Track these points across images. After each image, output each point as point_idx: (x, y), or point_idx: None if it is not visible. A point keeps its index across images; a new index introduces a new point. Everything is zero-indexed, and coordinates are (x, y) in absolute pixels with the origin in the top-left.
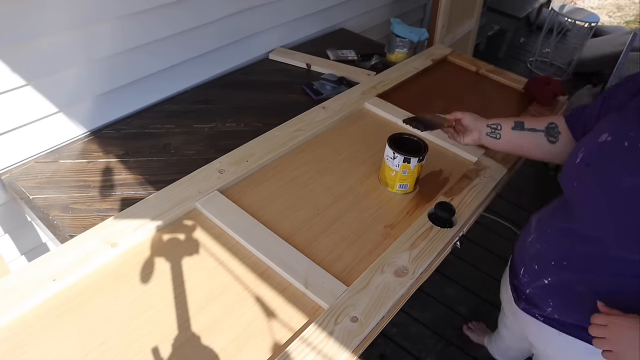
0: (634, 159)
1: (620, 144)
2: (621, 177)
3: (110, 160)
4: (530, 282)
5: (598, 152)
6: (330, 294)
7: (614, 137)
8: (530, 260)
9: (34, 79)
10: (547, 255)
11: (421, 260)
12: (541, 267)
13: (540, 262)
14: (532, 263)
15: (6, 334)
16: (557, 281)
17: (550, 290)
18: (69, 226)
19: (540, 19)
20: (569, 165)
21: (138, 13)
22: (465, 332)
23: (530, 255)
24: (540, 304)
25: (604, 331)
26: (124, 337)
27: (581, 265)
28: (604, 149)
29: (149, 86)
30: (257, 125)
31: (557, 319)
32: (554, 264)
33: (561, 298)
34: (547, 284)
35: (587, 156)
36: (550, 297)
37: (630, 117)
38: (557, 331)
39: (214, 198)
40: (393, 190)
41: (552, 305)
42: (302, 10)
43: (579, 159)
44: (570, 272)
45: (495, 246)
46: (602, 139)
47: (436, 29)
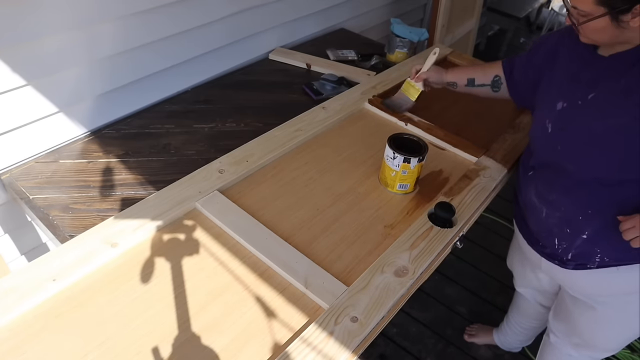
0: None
1: (575, 104)
2: (592, 125)
3: (110, 160)
4: (570, 245)
5: (563, 117)
6: (330, 294)
7: (568, 102)
8: (559, 229)
9: (34, 79)
10: (571, 216)
11: (421, 260)
12: (573, 227)
13: (569, 224)
14: (563, 229)
15: (6, 334)
16: (593, 230)
17: (592, 240)
18: (69, 226)
19: (540, 19)
20: (543, 137)
21: (138, 13)
22: (469, 339)
23: (556, 224)
24: (588, 257)
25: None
26: (124, 337)
27: (603, 204)
28: (565, 113)
29: (149, 86)
30: (257, 125)
31: (608, 260)
32: (582, 219)
33: (604, 241)
34: (587, 237)
35: (556, 124)
36: (596, 246)
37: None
38: (615, 267)
39: (214, 198)
40: (393, 190)
41: (600, 251)
42: (302, 10)
43: (550, 129)
44: (598, 215)
45: (495, 246)
46: (559, 107)
47: (436, 29)
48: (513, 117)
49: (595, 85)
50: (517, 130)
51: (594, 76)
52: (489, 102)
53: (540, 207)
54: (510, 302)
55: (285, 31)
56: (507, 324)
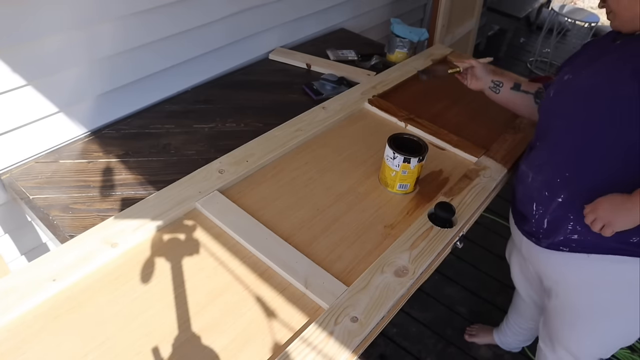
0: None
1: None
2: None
3: (111, 160)
4: (546, 210)
5: (566, 84)
6: (330, 294)
7: (573, 74)
8: (538, 192)
9: (34, 79)
10: (552, 178)
11: (421, 260)
12: (550, 190)
13: (547, 187)
14: (542, 192)
15: (6, 334)
16: (569, 193)
17: (566, 204)
18: (69, 226)
19: (540, 19)
20: (546, 101)
21: (139, 13)
22: (470, 339)
23: (537, 188)
24: (561, 225)
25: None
26: (124, 337)
27: (580, 165)
28: (569, 81)
29: (149, 86)
30: (257, 125)
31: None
32: (560, 181)
33: (577, 206)
34: (562, 200)
35: (558, 89)
36: (569, 212)
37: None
38: (586, 254)
39: (214, 198)
40: (393, 190)
41: (573, 218)
42: (302, 10)
43: (551, 94)
44: (575, 177)
45: (495, 246)
46: (565, 78)
47: (436, 29)
48: (513, 117)
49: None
50: (517, 130)
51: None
52: (489, 102)
53: (528, 172)
54: (510, 302)
55: (285, 31)
56: (507, 324)
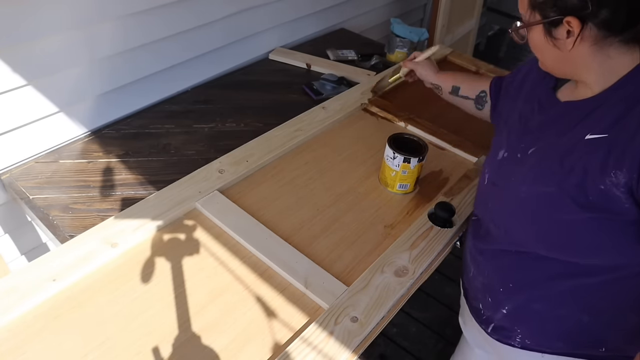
0: (527, 168)
1: (514, 156)
2: (519, 188)
3: (111, 160)
4: (492, 315)
5: (499, 170)
6: (330, 294)
7: (509, 153)
8: (482, 294)
9: (34, 79)
10: (493, 285)
11: (421, 260)
12: (494, 298)
13: (491, 293)
14: (486, 297)
15: (6, 334)
16: (513, 307)
17: (512, 317)
18: (69, 226)
19: None
20: (480, 188)
21: (139, 13)
22: None
23: (480, 289)
24: (509, 333)
25: None
26: (124, 337)
27: (523, 281)
28: (503, 165)
29: (149, 86)
30: (257, 125)
31: (529, 343)
32: (502, 291)
33: (525, 323)
34: (507, 312)
35: (492, 176)
36: (516, 324)
37: (515, 128)
38: (540, 354)
39: (214, 198)
40: (393, 190)
41: (520, 332)
42: (302, 10)
43: (486, 180)
44: (519, 292)
45: None
46: (500, 156)
47: (436, 29)
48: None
49: (539, 138)
50: None
51: (541, 125)
52: None
53: (469, 266)
54: None
55: (285, 31)
56: None
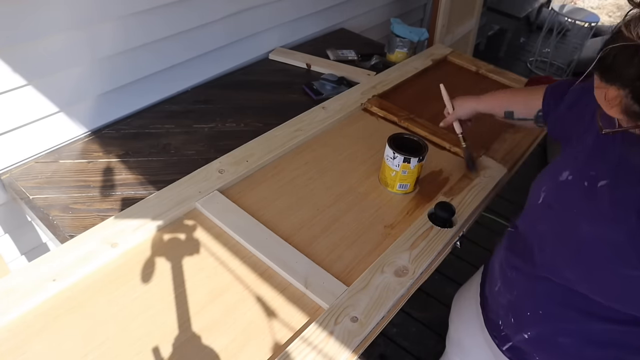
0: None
1: (580, 184)
2: (581, 224)
3: (111, 160)
4: (511, 334)
5: (558, 193)
6: (330, 294)
7: (574, 177)
8: (505, 312)
9: (34, 79)
10: (520, 306)
11: (421, 260)
12: (517, 320)
13: (515, 314)
14: (508, 316)
15: (6, 334)
16: (538, 335)
17: (534, 344)
18: (69, 226)
19: (540, 19)
20: (532, 206)
21: (139, 13)
22: None
23: (504, 306)
24: (526, 358)
25: None
26: (124, 337)
27: (555, 313)
28: (564, 189)
29: (149, 86)
30: (257, 125)
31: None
32: (530, 315)
33: (546, 352)
34: (528, 338)
35: (548, 197)
36: (536, 352)
37: (590, 153)
38: None
39: (214, 198)
40: (393, 190)
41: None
42: (302, 10)
43: (541, 199)
44: (548, 322)
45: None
46: (562, 178)
47: (436, 29)
48: None
49: (615, 173)
50: (517, 130)
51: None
52: None
53: (496, 279)
54: None
55: (285, 31)
56: None
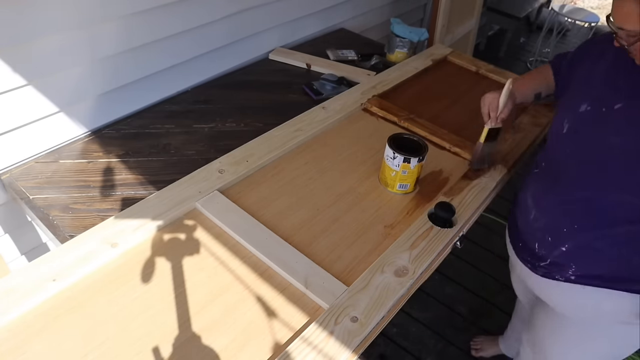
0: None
1: (598, 110)
2: (607, 137)
3: (111, 160)
4: (548, 253)
5: (582, 121)
6: (330, 294)
7: (592, 107)
8: (542, 233)
9: (35, 79)
10: (557, 226)
11: (421, 260)
12: (555, 237)
13: (552, 233)
14: (545, 236)
15: (6, 334)
16: (574, 245)
17: (570, 254)
18: (69, 226)
19: (540, 19)
20: (557, 136)
21: (140, 13)
22: (477, 354)
23: (540, 229)
24: (562, 269)
25: None
26: (124, 337)
27: (590, 224)
28: (586, 117)
29: (149, 86)
30: (257, 125)
31: (580, 276)
32: (567, 231)
33: (582, 258)
34: (566, 250)
35: (573, 126)
36: (572, 261)
37: (599, 86)
38: (581, 285)
39: (214, 198)
40: (393, 190)
41: (574, 267)
42: (302, 10)
43: (565, 129)
44: (583, 232)
45: (495, 246)
46: (582, 109)
47: (436, 29)
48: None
49: (628, 96)
50: (517, 130)
51: (630, 86)
52: None
53: (530, 209)
54: (509, 302)
55: (285, 31)
56: (512, 331)
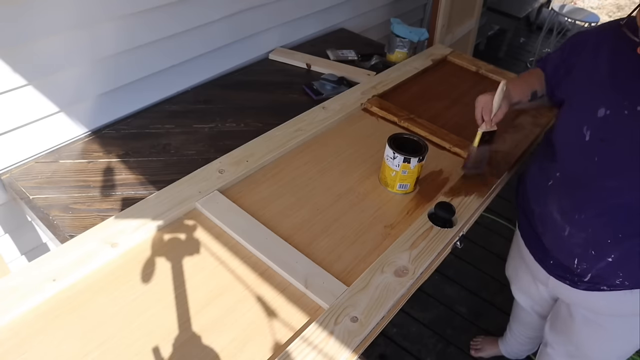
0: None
1: (620, 113)
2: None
3: (111, 160)
4: (591, 267)
5: (605, 127)
6: (330, 294)
7: (612, 111)
8: (582, 249)
9: (35, 79)
10: (599, 239)
11: (421, 260)
12: (598, 250)
13: (595, 247)
14: (588, 250)
15: (6, 334)
16: (621, 254)
17: (617, 264)
18: (69, 226)
19: (540, 19)
20: (578, 146)
21: (140, 12)
22: (476, 354)
23: (580, 245)
24: (607, 278)
25: None
26: (124, 337)
27: (633, 230)
28: (609, 122)
29: (149, 86)
30: (257, 125)
31: (627, 284)
32: (611, 242)
33: (629, 265)
34: (612, 260)
35: (597, 132)
36: (619, 269)
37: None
38: (629, 290)
39: (214, 198)
40: (393, 190)
41: (622, 275)
42: (302, 10)
43: (588, 137)
44: (629, 239)
45: (495, 246)
46: (601, 114)
47: (436, 29)
48: (513, 117)
49: None
50: (517, 130)
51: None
52: None
53: (563, 225)
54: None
55: (285, 31)
56: (511, 334)
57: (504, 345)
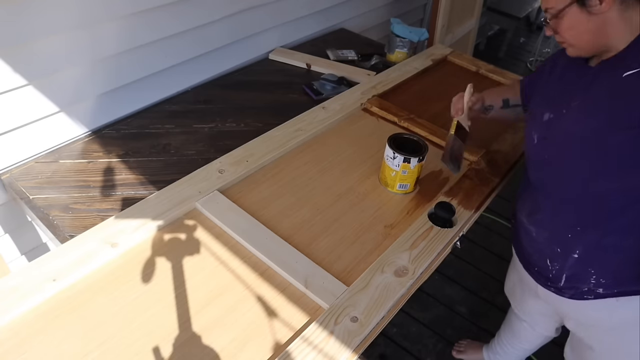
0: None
1: (559, 113)
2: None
3: (111, 160)
4: (562, 266)
5: (549, 127)
6: (330, 294)
7: (554, 113)
8: (549, 248)
9: (35, 79)
10: (559, 234)
11: (421, 260)
12: (563, 245)
13: (558, 243)
14: (554, 248)
15: (6, 334)
16: (584, 248)
17: (584, 259)
18: (69, 226)
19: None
20: (530, 149)
21: (140, 13)
22: (458, 356)
23: (546, 243)
24: (583, 279)
25: None
26: (124, 337)
27: (588, 221)
28: (551, 123)
29: (149, 86)
30: (257, 125)
31: (604, 283)
32: (571, 236)
33: (596, 259)
34: (578, 256)
35: (541, 134)
36: (589, 266)
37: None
38: (614, 299)
39: (214, 198)
40: (393, 190)
41: (594, 272)
42: (302, 10)
43: (535, 140)
44: (586, 232)
45: (495, 246)
46: (545, 118)
47: (436, 29)
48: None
49: (580, 92)
50: (517, 130)
51: (580, 86)
52: None
53: (529, 227)
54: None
55: (285, 31)
56: (499, 343)
57: (488, 353)
